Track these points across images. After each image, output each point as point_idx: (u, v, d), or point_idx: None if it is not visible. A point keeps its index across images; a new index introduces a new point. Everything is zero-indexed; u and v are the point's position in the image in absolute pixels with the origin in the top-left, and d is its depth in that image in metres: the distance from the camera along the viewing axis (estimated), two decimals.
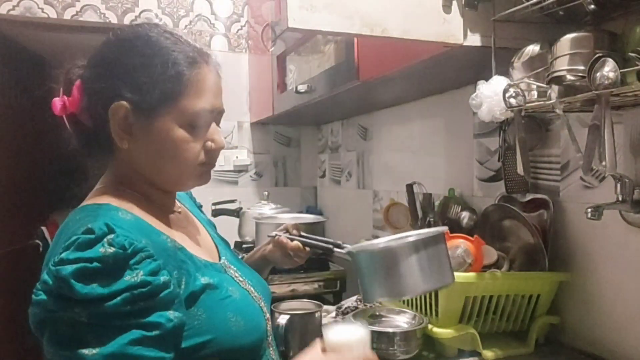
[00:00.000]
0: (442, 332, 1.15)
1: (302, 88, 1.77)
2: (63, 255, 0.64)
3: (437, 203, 1.60)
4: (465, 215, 1.43)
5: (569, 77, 0.88)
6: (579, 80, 0.87)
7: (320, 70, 1.71)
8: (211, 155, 0.82)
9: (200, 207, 1.07)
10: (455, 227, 1.43)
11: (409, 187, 1.67)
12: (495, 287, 1.15)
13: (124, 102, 0.76)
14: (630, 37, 0.86)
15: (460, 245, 1.17)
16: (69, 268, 0.63)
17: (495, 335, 1.21)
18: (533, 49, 0.98)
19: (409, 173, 1.90)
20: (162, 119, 0.77)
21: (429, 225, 1.56)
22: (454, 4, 1.04)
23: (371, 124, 2.22)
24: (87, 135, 0.81)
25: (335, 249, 1.01)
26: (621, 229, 1.08)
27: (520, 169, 1.03)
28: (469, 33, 1.06)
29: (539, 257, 1.19)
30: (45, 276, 0.65)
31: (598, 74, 0.79)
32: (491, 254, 1.22)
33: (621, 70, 0.79)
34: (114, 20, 2.51)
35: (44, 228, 2.94)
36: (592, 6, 0.90)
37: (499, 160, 1.36)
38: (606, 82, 0.78)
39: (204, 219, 1.02)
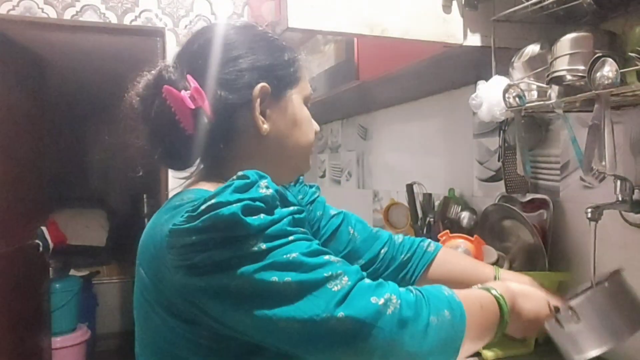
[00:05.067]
0: None
1: None
2: (214, 200, 0.62)
3: (437, 203, 1.60)
4: (465, 215, 1.43)
5: (569, 77, 0.87)
6: (579, 80, 0.86)
7: (320, 70, 1.71)
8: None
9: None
10: (455, 227, 1.43)
11: (409, 187, 1.67)
12: None
13: (265, 84, 0.76)
14: (630, 37, 0.86)
15: (460, 245, 1.17)
16: (232, 207, 0.61)
17: None
18: (533, 49, 0.98)
19: (409, 173, 1.90)
20: (293, 98, 0.80)
21: (429, 225, 1.56)
22: (454, 4, 1.04)
23: (371, 123, 2.22)
24: (201, 133, 0.76)
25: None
26: (621, 229, 1.08)
27: (520, 169, 1.03)
28: (468, 33, 1.06)
29: (538, 257, 1.19)
30: (190, 239, 0.62)
31: (598, 74, 0.79)
32: (491, 254, 1.22)
33: (621, 70, 0.79)
34: (114, 20, 2.51)
35: (44, 228, 2.94)
36: (593, 6, 0.90)
37: (499, 160, 1.36)
38: (606, 82, 0.78)
39: None
